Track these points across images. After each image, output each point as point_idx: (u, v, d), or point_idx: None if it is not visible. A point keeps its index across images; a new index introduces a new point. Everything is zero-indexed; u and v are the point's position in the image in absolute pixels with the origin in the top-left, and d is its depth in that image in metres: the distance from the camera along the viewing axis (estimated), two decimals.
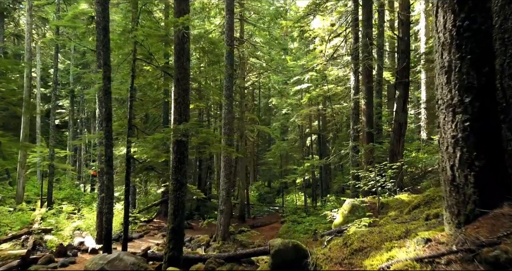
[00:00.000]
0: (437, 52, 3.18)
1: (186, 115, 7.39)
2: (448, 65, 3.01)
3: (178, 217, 7.20)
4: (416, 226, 3.79)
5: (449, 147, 2.99)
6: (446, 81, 3.03)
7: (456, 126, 2.93)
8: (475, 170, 2.81)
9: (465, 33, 2.89)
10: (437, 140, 3.24)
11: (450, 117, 2.99)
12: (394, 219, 5.47)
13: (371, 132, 12.68)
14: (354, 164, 12.93)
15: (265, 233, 18.17)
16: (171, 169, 7.39)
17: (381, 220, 5.68)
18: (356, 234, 4.26)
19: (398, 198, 8.81)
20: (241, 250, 8.71)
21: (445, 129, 3.05)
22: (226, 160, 14.45)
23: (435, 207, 5.42)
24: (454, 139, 2.94)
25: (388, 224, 4.66)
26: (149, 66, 10.94)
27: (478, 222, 2.69)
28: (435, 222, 3.64)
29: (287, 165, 30.90)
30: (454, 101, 2.95)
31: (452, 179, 2.95)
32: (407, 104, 12.85)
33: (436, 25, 3.15)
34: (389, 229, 4.02)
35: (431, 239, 2.84)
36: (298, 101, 25.35)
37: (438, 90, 3.17)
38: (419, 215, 5.14)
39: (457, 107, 2.93)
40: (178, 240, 7.16)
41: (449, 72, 3.00)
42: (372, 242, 3.81)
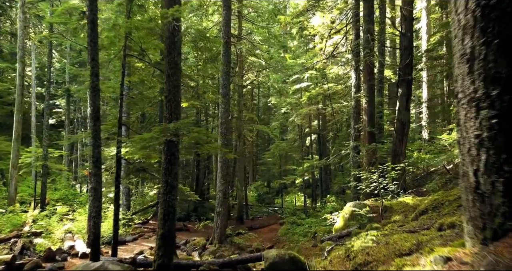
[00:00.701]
0: (456, 38, 2.73)
1: (177, 113, 6.94)
2: (470, 52, 2.56)
3: (168, 221, 6.75)
4: (428, 237, 3.34)
5: (472, 149, 2.54)
6: (468, 71, 2.58)
7: (481, 124, 2.47)
8: (504, 176, 2.35)
9: (492, 14, 2.44)
10: (457, 140, 2.78)
11: (473, 114, 2.53)
12: (401, 226, 5.02)
13: (373, 132, 12.23)
14: (355, 165, 12.48)
15: (264, 235, 17.71)
16: (161, 170, 6.93)
17: (386, 227, 5.23)
18: (359, 240, 3.81)
19: (402, 201, 8.36)
20: (237, 256, 8.27)
21: (466, 127, 2.60)
22: (223, 160, 13.99)
23: (444, 213, 4.97)
24: (478, 139, 2.49)
25: (394, 233, 4.22)
26: (141, 63, 10.48)
27: (510, 238, 2.24)
28: (451, 234, 3.20)
29: (287, 165, 30.47)
30: (478, 95, 2.49)
31: (476, 186, 2.50)
32: (410, 103, 12.40)
33: (456, 6, 2.69)
34: (397, 240, 3.57)
35: (452, 258, 2.38)
36: (297, 101, 24.89)
37: (458, 82, 2.71)
38: (428, 222, 4.69)
39: (482, 102, 2.47)
40: (169, 246, 6.71)
41: (472, 60, 2.55)
42: (379, 255, 3.36)
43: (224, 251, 13.47)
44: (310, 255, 6.48)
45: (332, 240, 7.69)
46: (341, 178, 17.65)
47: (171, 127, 6.39)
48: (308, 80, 21.71)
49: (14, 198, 18.47)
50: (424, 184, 14.37)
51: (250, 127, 24.10)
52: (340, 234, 7.82)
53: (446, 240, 3.05)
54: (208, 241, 14.41)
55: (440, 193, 5.96)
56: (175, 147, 6.86)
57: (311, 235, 15.06)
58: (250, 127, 24.24)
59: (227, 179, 14.38)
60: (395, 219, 7.32)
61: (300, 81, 22.52)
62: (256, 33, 23.97)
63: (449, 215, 4.77)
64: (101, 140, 8.19)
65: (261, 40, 23.62)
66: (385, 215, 7.87)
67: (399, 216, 7.46)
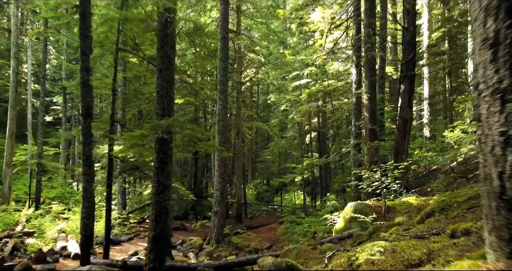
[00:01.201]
0: (476, 21, 2.38)
1: (169, 110, 6.59)
2: (494, 36, 2.21)
3: (160, 223, 6.42)
4: (440, 245, 3.01)
5: (496, 148, 2.20)
6: (491, 58, 2.23)
7: (507, 119, 2.13)
8: None
9: None
10: (478, 138, 2.44)
11: (497, 107, 2.19)
12: (407, 229, 4.69)
13: (374, 129, 11.88)
14: (355, 163, 12.15)
15: (262, 235, 17.40)
16: (153, 169, 6.60)
17: (391, 231, 4.90)
18: (364, 251, 3.47)
19: (405, 201, 8.03)
20: (233, 259, 7.95)
21: (489, 123, 2.26)
22: (220, 158, 13.65)
23: (453, 216, 4.64)
24: (503, 137, 2.15)
25: (401, 238, 3.89)
26: (136, 58, 10.12)
27: None
28: (467, 243, 2.87)
29: (286, 163, 30.13)
30: (504, 85, 2.15)
31: (501, 191, 2.16)
32: (412, 99, 12.05)
33: None
34: (405, 248, 3.23)
35: None
36: (297, 98, 24.53)
37: (478, 72, 2.37)
38: (436, 226, 4.36)
39: (508, 94, 2.13)
40: (161, 249, 6.38)
41: (496, 45, 2.20)
42: (385, 265, 3.03)
43: (222, 251, 13.16)
44: (309, 259, 6.15)
45: (332, 242, 7.37)
46: (341, 177, 17.33)
47: (162, 124, 6.05)
48: (308, 77, 21.34)
49: (9, 197, 18.16)
50: (426, 182, 14.05)
51: (249, 125, 23.75)
52: (341, 236, 7.50)
53: (462, 250, 2.71)
54: (205, 241, 14.10)
55: (447, 193, 5.63)
56: (167, 145, 6.52)
57: (311, 234, 14.75)
58: (249, 124, 23.89)
59: (224, 177, 14.05)
60: (399, 221, 6.99)
61: (299, 78, 22.16)
62: (255, 29, 23.58)
63: (458, 218, 4.45)
64: (92, 137, 7.85)
65: (260, 36, 23.25)
66: (388, 215, 7.55)
67: (403, 217, 7.13)
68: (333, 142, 24.61)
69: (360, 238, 6.64)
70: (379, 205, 8.12)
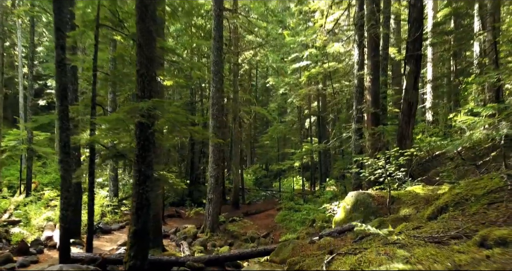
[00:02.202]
0: None
1: (150, 90, 5.89)
2: None
3: (142, 217, 5.81)
4: (468, 258, 2.38)
5: None
6: None
7: None
8: None
9: None
10: None
11: None
12: (417, 227, 4.06)
13: (377, 113, 11.20)
14: (356, 149, 11.49)
15: (259, 222, 16.93)
16: (134, 158, 5.95)
17: (399, 228, 4.26)
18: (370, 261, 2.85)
19: (411, 190, 7.41)
20: (225, 253, 7.39)
21: None
22: (215, 144, 13.02)
23: (472, 213, 4.00)
24: None
25: (413, 241, 3.27)
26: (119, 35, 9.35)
27: None
28: (505, 256, 2.23)
29: (285, 148, 29.56)
30: None
31: None
32: (418, 81, 11.31)
33: None
34: (421, 258, 2.61)
35: None
36: (296, 81, 23.73)
37: None
38: (452, 225, 3.73)
39: None
40: (142, 245, 5.79)
41: None
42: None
43: (216, 240, 12.69)
44: (306, 257, 5.56)
45: (332, 235, 6.79)
46: (341, 163, 16.73)
47: (141, 107, 5.36)
48: (308, 59, 20.50)
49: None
50: (430, 168, 13.44)
51: (247, 109, 23.03)
52: (341, 229, 6.90)
53: (503, 268, 2.08)
54: (200, 229, 13.60)
55: (462, 184, 4.99)
56: (149, 130, 5.84)
57: (309, 222, 14.24)
58: (246, 109, 23.18)
59: (219, 163, 13.45)
60: (405, 213, 6.38)
61: (299, 60, 21.32)
62: (252, 9, 22.58)
63: (479, 216, 3.81)
64: (69, 122, 7.17)
65: (258, 16, 22.25)
66: (392, 207, 6.93)
67: (409, 209, 6.52)
68: (333, 126, 23.94)
69: (363, 233, 6.04)
70: (382, 194, 7.51)
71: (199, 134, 5.98)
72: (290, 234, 11.94)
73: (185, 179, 27.05)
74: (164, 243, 11.87)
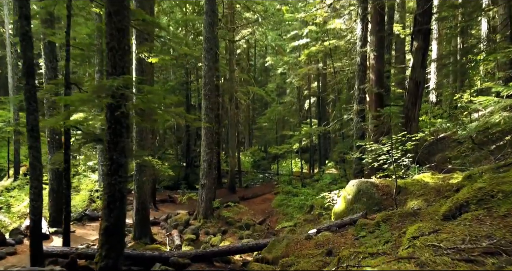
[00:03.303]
0: None
1: (123, 67, 5.07)
2: None
3: (115, 211, 5.09)
4: None
5: None
6: None
7: None
8: None
9: None
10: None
11: None
12: (434, 231, 3.35)
13: (381, 94, 10.37)
14: (358, 132, 10.73)
15: (256, 207, 16.32)
16: (104, 144, 5.19)
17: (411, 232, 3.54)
18: None
19: (419, 179, 6.68)
20: (212, 248, 6.73)
21: None
22: (207, 127, 12.24)
23: (502, 214, 3.27)
24: None
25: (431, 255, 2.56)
26: (98, 8, 8.42)
27: None
28: None
29: (284, 130, 28.80)
30: None
31: None
32: (426, 58, 10.43)
33: None
34: None
35: None
36: (295, 60, 22.70)
37: None
38: (480, 231, 3.00)
39: None
40: (115, 243, 5.09)
41: None
42: None
43: (210, 227, 12.10)
44: (301, 257, 4.88)
45: (331, 230, 6.10)
46: (341, 146, 15.99)
47: (108, 85, 4.56)
48: (308, 37, 19.45)
49: None
50: (435, 152, 12.71)
51: (244, 89, 22.12)
52: (341, 222, 6.21)
53: None
54: (193, 215, 13.00)
55: (486, 178, 4.26)
56: (121, 113, 5.05)
57: (307, 208, 13.62)
58: (243, 89, 22.27)
59: (212, 147, 12.71)
60: (414, 206, 5.67)
61: (298, 37, 20.25)
62: None
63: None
64: (37, 103, 6.36)
65: None
66: (398, 197, 6.22)
67: (418, 201, 5.81)
68: (334, 107, 23.09)
69: (366, 229, 5.35)
70: (387, 184, 6.79)
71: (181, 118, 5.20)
72: (287, 222, 11.32)
73: (182, 162, 26.43)
74: (154, 231, 11.27)
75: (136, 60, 9.37)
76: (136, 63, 9.41)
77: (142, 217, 9.60)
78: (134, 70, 9.48)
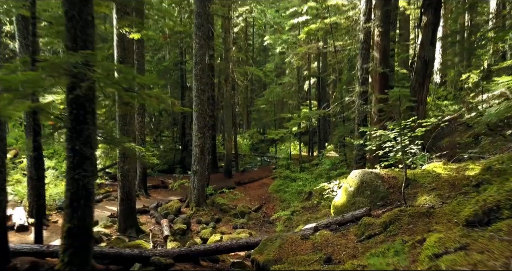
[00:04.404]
0: None
1: (85, 41, 4.25)
2: None
3: (80, 210, 4.38)
4: None
5: None
6: None
7: None
8: None
9: None
10: None
11: None
12: (462, 248, 2.63)
13: (386, 73, 9.53)
14: (361, 116, 9.94)
15: (252, 192, 15.71)
16: (66, 132, 4.42)
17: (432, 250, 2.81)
18: None
19: (429, 170, 5.96)
20: (198, 246, 6.06)
21: None
22: (200, 109, 11.45)
23: None
24: None
25: None
26: None
27: None
28: None
29: (283, 112, 27.98)
30: None
31: None
32: (436, 35, 9.54)
33: None
34: None
35: None
36: (294, 38, 21.65)
37: None
38: None
39: None
40: (81, 248, 4.40)
41: None
42: None
43: (202, 216, 11.49)
44: (295, 265, 4.19)
45: (330, 228, 5.41)
46: (342, 129, 15.22)
47: (65, 62, 3.76)
48: (307, 14, 18.40)
49: None
50: (441, 136, 11.96)
51: (240, 69, 21.17)
52: (342, 219, 5.52)
53: None
54: (185, 203, 12.37)
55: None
56: (85, 96, 4.26)
57: (305, 195, 12.99)
58: (240, 69, 21.32)
59: (205, 132, 11.94)
60: (425, 202, 4.95)
61: (298, 15, 19.19)
62: None
63: None
64: None
65: None
66: (406, 191, 5.50)
67: (430, 196, 5.09)
68: (334, 88, 22.19)
69: (370, 229, 4.65)
70: (393, 175, 6.06)
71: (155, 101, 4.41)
72: (283, 210, 10.68)
73: (178, 144, 25.71)
74: (142, 221, 10.66)
75: (118, 36, 8.50)
76: (117, 40, 8.55)
77: (127, 207, 8.93)
78: (115, 47, 8.64)
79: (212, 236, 8.38)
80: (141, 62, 13.65)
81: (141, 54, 13.67)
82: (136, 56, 13.45)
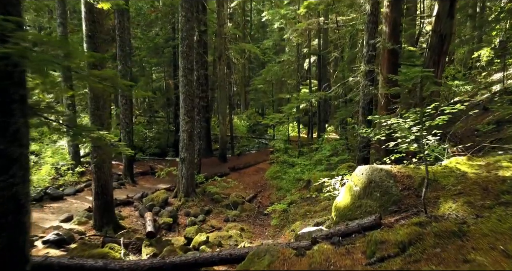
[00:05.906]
0: None
1: (10, 11, 3.13)
2: None
3: (7, 229, 3.37)
4: None
5: None
6: None
7: None
8: None
9: None
10: None
11: None
12: None
13: (396, 50, 8.36)
14: (365, 99, 8.83)
15: (247, 179, 14.79)
16: None
17: None
18: None
19: (452, 167, 4.94)
20: (173, 257, 5.09)
21: None
22: (186, 90, 10.33)
23: None
24: None
25: None
26: None
27: None
28: None
29: (281, 92, 26.79)
30: None
31: None
32: (455, 6, 8.31)
33: None
34: None
35: None
36: (294, 13, 20.22)
37: None
38: None
39: None
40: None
41: None
42: None
43: (191, 207, 10.58)
44: None
45: (330, 240, 4.42)
46: (344, 111, 14.12)
47: None
48: None
49: None
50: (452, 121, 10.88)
51: (236, 46, 19.86)
52: (346, 229, 4.52)
53: None
54: (173, 192, 11.45)
55: None
56: (8, 79, 3.19)
57: (304, 183, 12.04)
58: (236, 46, 20.01)
59: (193, 115, 10.86)
60: (451, 212, 3.94)
61: None
62: None
63: None
64: None
65: None
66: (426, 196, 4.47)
67: (457, 204, 4.07)
68: (335, 67, 20.95)
69: (383, 249, 3.66)
70: (407, 173, 5.03)
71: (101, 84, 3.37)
72: (279, 204, 9.73)
73: (172, 126, 24.68)
74: (124, 214, 9.76)
75: (85, 7, 7.32)
76: (85, 11, 7.37)
77: (103, 202, 7.99)
78: (83, 19, 7.46)
79: (198, 235, 7.45)
80: (124, 38, 12.42)
81: (124, 29, 12.42)
82: (118, 31, 12.21)
